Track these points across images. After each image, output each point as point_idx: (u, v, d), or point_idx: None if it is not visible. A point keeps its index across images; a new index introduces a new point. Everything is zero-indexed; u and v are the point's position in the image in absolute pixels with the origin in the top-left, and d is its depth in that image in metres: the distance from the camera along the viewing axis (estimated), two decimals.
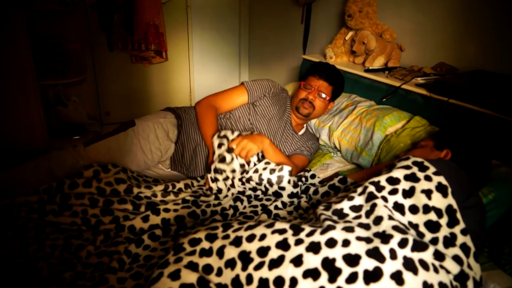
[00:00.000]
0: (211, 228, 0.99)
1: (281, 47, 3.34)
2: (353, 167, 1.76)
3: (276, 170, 1.40)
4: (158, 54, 3.32)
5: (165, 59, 3.41)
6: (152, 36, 3.16)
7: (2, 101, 2.68)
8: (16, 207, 1.25)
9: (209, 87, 3.94)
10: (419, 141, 1.39)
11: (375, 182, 1.03)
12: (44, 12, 2.83)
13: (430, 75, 1.75)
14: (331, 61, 2.25)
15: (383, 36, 2.05)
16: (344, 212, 0.99)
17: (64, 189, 1.31)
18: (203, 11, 3.65)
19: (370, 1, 2.06)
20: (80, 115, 3.04)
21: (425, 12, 1.91)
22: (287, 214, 1.37)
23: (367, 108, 1.81)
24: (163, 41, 3.23)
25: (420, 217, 0.95)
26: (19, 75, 2.65)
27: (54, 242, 1.18)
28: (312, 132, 1.95)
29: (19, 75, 2.65)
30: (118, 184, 1.34)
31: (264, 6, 3.54)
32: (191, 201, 1.35)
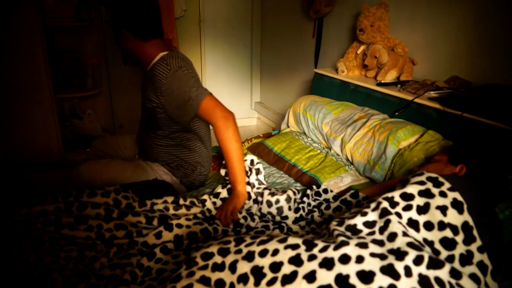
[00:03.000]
0: (223, 242, 0.99)
1: (293, 61, 3.36)
2: (366, 181, 1.74)
3: (273, 202, 1.39)
4: None
5: None
6: None
7: (20, 114, 2.75)
8: (33, 218, 1.28)
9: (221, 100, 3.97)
10: (433, 156, 1.38)
11: (389, 198, 1.02)
12: (62, 28, 2.91)
13: (443, 89, 1.74)
14: (343, 75, 2.26)
15: (395, 50, 2.05)
16: (358, 228, 0.99)
17: (83, 197, 1.34)
18: (215, 25, 3.71)
19: (381, 16, 2.07)
20: (94, 127, 3.10)
21: (437, 26, 1.91)
22: (299, 229, 1.36)
23: (380, 121, 1.80)
24: None
25: (435, 234, 0.94)
26: (36, 89, 2.72)
27: (68, 254, 1.19)
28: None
29: (37, 89, 2.72)
30: (134, 201, 1.38)
31: (276, 20, 3.58)
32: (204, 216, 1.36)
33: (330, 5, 2.61)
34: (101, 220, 1.28)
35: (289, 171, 1.88)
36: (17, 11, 2.53)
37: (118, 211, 1.32)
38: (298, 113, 2.21)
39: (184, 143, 1.71)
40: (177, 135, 1.68)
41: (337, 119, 1.99)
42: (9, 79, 2.64)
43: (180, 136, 1.68)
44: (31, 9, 2.55)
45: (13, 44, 2.59)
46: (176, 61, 1.55)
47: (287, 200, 1.38)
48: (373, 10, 2.08)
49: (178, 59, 1.57)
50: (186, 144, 1.71)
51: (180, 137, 1.69)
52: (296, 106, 2.25)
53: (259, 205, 1.42)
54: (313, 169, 1.81)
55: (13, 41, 2.58)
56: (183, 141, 1.70)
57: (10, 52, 2.59)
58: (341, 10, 2.59)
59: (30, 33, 2.59)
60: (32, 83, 2.70)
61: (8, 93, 2.66)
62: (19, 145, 2.79)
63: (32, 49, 2.63)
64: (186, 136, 1.69)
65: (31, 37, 2.60)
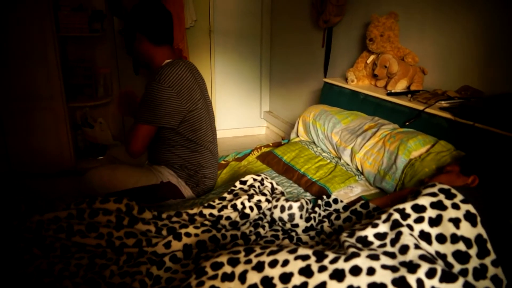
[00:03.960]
0: (233, 252, 0.98)
1: (302, 71, 3.37)
2: (377, 191, 1.73)
3: (286, 208, 1.38)
4: None
5: None
6: None
7: (33, 123, 2.79)
8: (45, 225, 1.29)
9: (230, 109, 4.01)
10: (444, 166, 1.36)
11: (400, 210, 1.01)
12: (75, 38, 2.97)
13: (454, 99, 1.73)
14: (352, 84, 2.26)
15: (405, 59, 2.05)
16: (369, 239, 0.98)
17: (95, 203, 1.36)
18: (225, 35, 3.74)
19: (391, 25, 2.07)
20: (105, 136, 3.13)
21: (447, 35, 1.91)
22: (309, 239, 1.35)
23: (391, 131, 1.79)
24: None
25: (448, 247, 0.92)
26: (50, 98, 2.77)
27: (79, 261, 1.20)
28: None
29: (50, 98, 2.77)
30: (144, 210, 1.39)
31: (285, 30, 3.61)
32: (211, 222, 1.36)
33: (340, 15, 2.62)
34: (112, 228, 1.29)
35: (298, 180, 1.87)
36: (33, 22, 2.59)
37: (129, 218, 1.33)
38: (308, 122, 2.21)
39: (186, 144, 1.76)
40: (177, 137, 1.74)
41: (346, 128, 1.99)
42: (23, 88, 2.70)
43: (180, 138, 1.75)
44: (46, 20, 2.61)
45: (28, 54, 2.64)
46: (170, 75, 1.63)
47: (299, 208, 1.38)
48: (382, 20, 2.08)
49: (174, 74, 1.64)
50: (187, 145, 1.77)
51: (181, 139, 1.75)
52: (305, 116, 2.25)
53: (271, 210, 1.41)
54: (323, 178, 1.81)
55: (29, 51, 2.64)
56: (185, 142, 1.76)
57: (25, 61, 2.65)
58: (351, 20, 2.60)
59: (45, 43, 2.65)
60: (46, 92, 2.75)
61: (22, 102, 2.72)
62: (32, 153, 2.83)
63: (46, 59, 2.68)
64: (186, 137, 1.75)
65: (45, 47, 2.66)
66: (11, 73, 2.64)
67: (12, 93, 2.68)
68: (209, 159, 1.86)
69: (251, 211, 1.41)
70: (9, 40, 2.58)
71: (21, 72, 2.66)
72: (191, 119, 1.72)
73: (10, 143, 2.77)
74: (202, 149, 1.82)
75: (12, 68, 2.64)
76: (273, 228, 1.42)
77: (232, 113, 4.02)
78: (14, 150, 2.79)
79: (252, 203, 1.43)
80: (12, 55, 2.62)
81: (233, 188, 1.57)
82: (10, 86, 2.66)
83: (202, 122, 1.78)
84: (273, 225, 1.43)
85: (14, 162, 2.81)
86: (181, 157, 1.78)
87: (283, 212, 1.38)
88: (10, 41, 2.59)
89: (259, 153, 2.25)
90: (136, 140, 1.65)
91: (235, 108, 4.03)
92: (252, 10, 3.77)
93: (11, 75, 2.65)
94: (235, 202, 1.43)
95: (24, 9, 2.55)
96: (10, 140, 2.76)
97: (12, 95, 2.68)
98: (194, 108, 1.71)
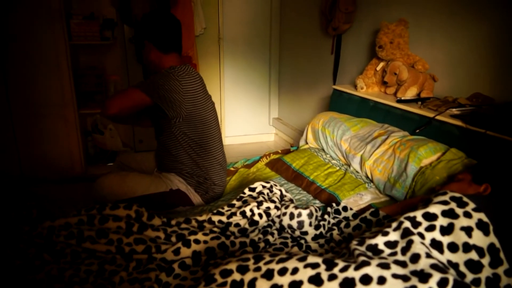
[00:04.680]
0: (242, 259, 0.98)
1: (311, 78, 3.37)
2: (387, 199, 1.72)
3: (295, 215, 1.38)
4: None
5: None
6: None
7: (45, 129, 2.83)
8: (56, 231, 1.30)
9: (239, 116, 4.02)
10: (456, 174, 1.35)
11: (411, 218, 1.00)
12: (86, 46, 3.01)
13: (465, 106, 1.71)
14: (362, 91, 2.25)
15: (415, 66, 2.04)
16: (379, 248, 0.97)
17: (105, 209, 1.37)
18: (234, 43, 3.77)
19: (401, 33, 2.07)
20: (115, 142, 3.16)
21: (458, 42, 1.90)
22: (318, 247, 1.34)
23: (401, 139, 1.78)
24: None
25: (460, 256, 0.91)
26: (61, 105, 2.81)
27: (89, 267, 1.20)
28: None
29: (62, 105, 2.81)
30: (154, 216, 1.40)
31: (294, 37, 3.62)
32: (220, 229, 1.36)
33: (349, 22, 2.62)
34: (122, 234, 1.30)
35: (307, 187, 1.87)
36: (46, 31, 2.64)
37: (139, 225, 1.34)
38: (317, 129, 2.20)
39: (194, 149, 1.78)
40: (185, 142, 1.76)
41: (356, 136, 1.98)
42: (36, 95, 2.74)
43: (188, 143, 1.77)
44: (58, 29, 2.65)
45: (41, 62, 2.69)
46: (181, 70, 1.70)
47: (309, 215, 1.37)
48: (392, 27, 2.08)
49: (186, 70, 1.72)
50: (196, 151, 1.79)
51: (189, 143, 1.77)
52: (314, 123, 2.25)
53: (281, 217, 1.41)
54: (332, 186, 1.80)
55: (41, 59, 2.69)
56: (193, 148, 1.78)
57: (37, 69, 2.70)
58: (360, 27, 2.60)
59: (57, 51, 2.69)
60: (58, 99, 2.79)
61: (34, 109, 2.76)
62: (43, 159, 2.87)
63: (58, 67, 2.73)
64: (195, 141, 1.77)
65: (57, 55, 2.70)
66: (23, 80, 2.69)
67: (25, 100, 2.73)
68: (218, 165, 1.87)
69: (260, 218, 1.41)
70: (22, 48, 2.63)
71: (33, 79, 2.71)
72: (197, 120, 1.74)
73: (21, 149, 2.80)
74: (210, 156, 1.83)
75: (24, 76, 2.68)
76: (282, 235, 1.41)
77: (241, 120, 4.04)
78: (25, 156, 2.83)
79: (261, 210, 1.43)
80: (25, 63, 2.66)
81: (242, 195, 1.57)
82: (22, 93, 2.71)
83: (210, 127, 1.80)
84: (282, 232, 1.42)
85: (25, 168, 2.84)
86: (190, 164, 1.79)
87: (292, 220, 1.37)
88: (23, 49, 2.64)
89: (268, 160, 2.25)
90: (120, 98, 1.61)
91: (244, 115, 4.04)
92: (261, 17, 3.80)
93: (23, 82, 2.69)
94: (244, 209, 1.43)
95: (37, 18, 2.60)
96: (21, 146, 2.80)
97: (25, 101, 2.73)
98: (196, 109, 1.73)
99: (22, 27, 2.59)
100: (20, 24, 2.58)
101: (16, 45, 2.61)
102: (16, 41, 2.60)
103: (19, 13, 2.56)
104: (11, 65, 2.64)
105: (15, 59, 2.64)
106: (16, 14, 2.56)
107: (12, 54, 2.62)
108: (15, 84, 2.68)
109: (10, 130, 2.74)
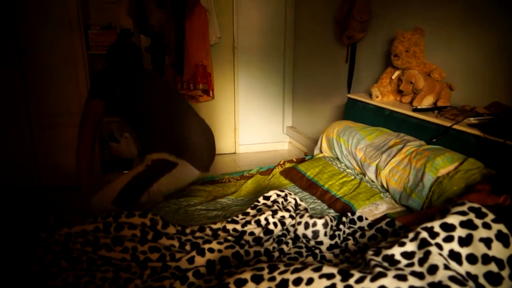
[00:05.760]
0: (256, 269, 0.98)
1: (325, 86, 3.37)
2: (402, 209, 1.69)
3: (310, 225, 1.37)
4: (205, 93, 3.46)
5: (211, 98, 3.55)
6: (201, 76, 3.32)
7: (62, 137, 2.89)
8: (72, 238, 1.32)
9: (253, 124, 4.03)
10: (474, 185, 1.33)
11: (428, 228, 0.98)
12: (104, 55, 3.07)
13: (483, 115, 1.68)
14: (377, 100, 2.24)
15: (432, 75, 2.02)
16: (395, 258, 0.95)
17: (121, 217, 1.38)
18: (249, 52, 3.80)
19: (417, 41, 2.05)
20: (130, 150, 3.19)
21: (475, 50, 1.87)
22: (333, 257, 1.33)
23: (417, 148, 1.76)
24: (210, 80, 3.38)
25: (479, 267, 0.89)
26: (78, 113, 2.84)
27: (104, 274, 1.22)
28: None
29: (78, 113, 2.84)
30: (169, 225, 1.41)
31: (309, 46, 3.63)
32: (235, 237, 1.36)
33: (364, 31, 2.62)
34: (137, 242, 1.31)
35: (322, 196, 1.86)
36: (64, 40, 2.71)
37: (153, 233, 1.34)
38: (332, 138, 2.19)
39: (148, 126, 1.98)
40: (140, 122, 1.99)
41: (371, 144, 1.96)
42: (54, 104, 2.81)
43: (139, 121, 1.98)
44: (77, 39, 2.72)
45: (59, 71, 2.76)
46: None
47: (324, 225, 1.36)
48: (408, 35, 2.06)
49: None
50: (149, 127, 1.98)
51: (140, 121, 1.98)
52: (329, 132, 2.24)
53: (295, 226, 1.40)
54: (347, 195, 1.78)
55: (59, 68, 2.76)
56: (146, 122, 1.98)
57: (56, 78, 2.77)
58: (375, 36, 2.59)
59: (75, 61, 2.76)
60: (75, 108, 2.85)
61: (52, 117, 2.82)
62: (60, 168, 2.92)
63: (76, 76, 2.79)
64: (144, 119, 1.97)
65: (75, 65, 2.77)
66: (42, 91, 2.76)
67: (43, 110, 2.79)
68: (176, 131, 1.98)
69: (275, 227, 1.41)
70: (41, 58, 2.71)
71: (52, 88, 2.78)
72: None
73: (39, 159, 2.86)
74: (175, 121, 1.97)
75: (43, 85, 2.75)
76: (297, 245, 1.40)
77: (255, 128, 4.04)
78: (43, 166, 2.88)
79: (276, 219, 1.42)
80: (44, 73, 2.74)
81: (257, 204, 1.57)
82: (41, 103, 2.78)
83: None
84: (297, 242, 1.42)
85: (43, 177, 2.90)
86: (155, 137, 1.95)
87: (307, 229, 1.36)
88: (42, 59, 2.71)
89: (283, 169, 2.24)
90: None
91: (258, 123, 4.05)
92: (275, 26, 3.82)
93: (42, 93, 2.76)
94: (259, 218, 1.43)
95: (56, 28, 2.67)
96: (39, 156, 2.86)
97: (43, 111, 2.80)
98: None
99: (42, 37, 2.67)
100: (39, 34, 2.66)
101: (35, 55, 2.69)
102: (36, 51, 2.68)
103: (39, 24, 2.64)
104: (31, 75, 2.71)
105: (34, 69, 2.71)
106: (36, 25, 2.63)
107: (31, 64, 2.69)
108: (33, 93, 2.75)
109: (29, 140, 2.80)
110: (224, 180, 2.19)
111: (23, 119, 2.75)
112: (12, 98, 2.70)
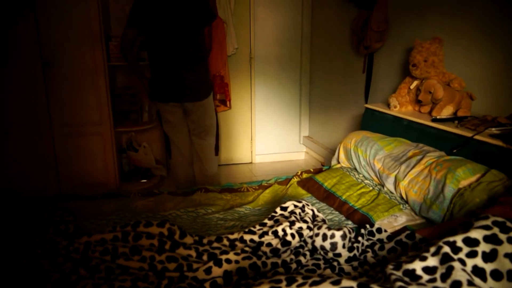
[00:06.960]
0: (274, 281, 0.97)
1: (342, 96, 3.35)
2: (423, 221, 1.66)
3: (328, 236, 1.35)
4: (222, 103, 3.48)
5: (228, 108, 3.57)
6: (218, 86, 3.35)
7: (82, 146, 2.94)
8: (92, 246, 1.34)
9: (270, 134, 4.03)
10: (497, 197, 1.29)
11: (450, 242, 0.96)
12: (123, 66, 3.14)
13: (506, 125, 1.65)
14: (395, 110, 2.21)
15: (451, 85, 1.99)
16: (417, 273, 0.93)
17: (139, 226, 1.40)
18: (266, 62, 3.82)
19: (435, 51, 2.03)
20: (148, 159, 3.23)
21: (496, 59, 1.84)
22: (351, 269, 1.31)
23: (437, 159, 1.72)
24: (227, 90, 3.40)
25: (504, 284, 0.86)
26: (98, 123, 2.92)
27: (122, 283, 1.22)
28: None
29: (99, 123, 2.92)
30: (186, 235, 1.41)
31: (325, 56, 3.63)
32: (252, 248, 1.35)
33: (381, 41, 2.60)
34: (154, 251, 1.32)
35: (339, 207, 1.84)
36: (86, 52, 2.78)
37: (171, 243, 1.35)
38: (349, 149, 2.17)
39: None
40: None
41: (390, 155, 1.94)
42: (75, 114, 2.87)
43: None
44: (98, 51, 2.79)
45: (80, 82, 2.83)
46: None
47: (342, 236, 1.34)
48: (426, 45, 2.04)
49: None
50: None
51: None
52: (346, 142, 2.22)
53: (313, 238, 1.38)
54: (365, 206, 1.76)
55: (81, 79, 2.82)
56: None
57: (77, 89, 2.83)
58: (392, 46, 2.57)
59: (96, 72, 2.82)
60: (95, 118, 2.91)
61: (73, 127, 2.88)
62: (80, 177, 2.97)
63: (97, 86, 2.85)
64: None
65: (96, 76, 2.83)
66: (64, 99, 2.83)
67: (65, 120, 2.86)
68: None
69: (293, 238, 1.39)
70: (64, 70, 2.78)
71: (73, 98, 2.84)
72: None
73: (61, 168, 2.92)
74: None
75: (65, 95, 2.82)
76: (315, 256, 1.39)
77: (271, 138, 4.05)
78: (64, 175, 2.94)
79: (294, 230, 1.41)
80: (66, 83, 2.80)
81: (274, 214, 1.57)
82: (63, 113, 2.84)
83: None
84: (315, 253, 1.40)
85: (63, 186, 2.95)
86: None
87: (325, 241, 1.35)
88: (64, 70, 2.78)
89: (300, 179, 2.23)
90: None
91: (274, 133, 4.05)
92: (292, 37, 3.84)
93: (64, 101, 2.83)
94: (276, 229, 1.42)
95: (78, 40, 2.75)
96: (61, 166, 2.92)
97: (65, 121, 2.86)
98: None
99: (64, 48, 2.74)
100: (62, 45, 2.73)
101: (58, 66, 2.76)
102: (58, 62, 2.75)
103: (62, 35, 2.71)
104: (53, 85, 2.78)
105: (56, 80, 2.78)
106: (59, 36, 2.71)
107: (54, 75, 2.77)
108: (56, 104, 2.82)
109: (51, 149, 2.86)
110: (242, 189, 2.19)
111: (46, 128, 2.82)
112: (36, 107, 2.78)
